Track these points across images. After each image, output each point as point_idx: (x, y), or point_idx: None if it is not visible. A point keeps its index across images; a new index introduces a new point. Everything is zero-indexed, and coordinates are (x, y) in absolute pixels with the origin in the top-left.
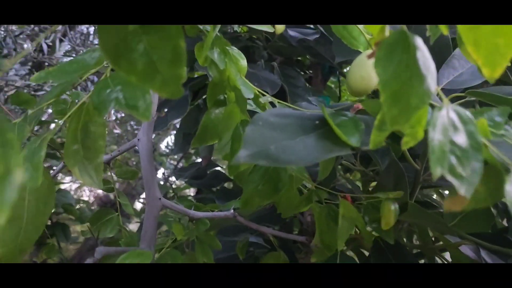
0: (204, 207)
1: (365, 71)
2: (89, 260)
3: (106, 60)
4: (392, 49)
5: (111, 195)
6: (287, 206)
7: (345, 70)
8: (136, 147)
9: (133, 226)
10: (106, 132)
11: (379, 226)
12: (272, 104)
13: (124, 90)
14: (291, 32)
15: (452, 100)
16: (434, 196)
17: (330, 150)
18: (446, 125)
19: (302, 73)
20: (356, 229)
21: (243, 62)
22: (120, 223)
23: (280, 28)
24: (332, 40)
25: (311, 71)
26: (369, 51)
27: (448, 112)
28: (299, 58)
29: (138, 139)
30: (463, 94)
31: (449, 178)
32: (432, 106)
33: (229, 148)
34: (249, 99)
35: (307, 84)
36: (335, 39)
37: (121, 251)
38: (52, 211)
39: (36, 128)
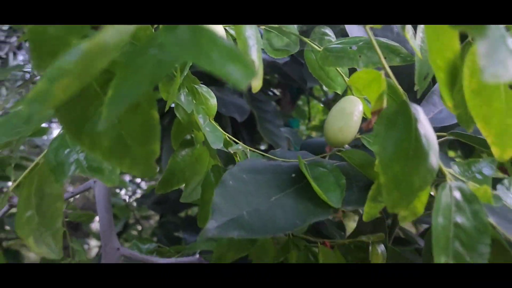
0: (167, 251)
1: (344, 122)
2: None
3: (67, 135)
4: (392, 123)
5: None
6: (261, 258)
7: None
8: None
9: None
10: None
11: None
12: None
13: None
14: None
15: None
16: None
17: (310, 213)
18: (449, 205)
19: (271, 93)
20: None
21: (213, 101)
22: None
23: (257, 86)
24: (302, 62)
25: (279, 91)
26: (350, 98)
27: (452, 190)
28: (267, 77)
29: (95, 181)
30: (445, 134)
31: None
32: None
33: (199, 195)
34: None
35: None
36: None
37: None
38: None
39: None
